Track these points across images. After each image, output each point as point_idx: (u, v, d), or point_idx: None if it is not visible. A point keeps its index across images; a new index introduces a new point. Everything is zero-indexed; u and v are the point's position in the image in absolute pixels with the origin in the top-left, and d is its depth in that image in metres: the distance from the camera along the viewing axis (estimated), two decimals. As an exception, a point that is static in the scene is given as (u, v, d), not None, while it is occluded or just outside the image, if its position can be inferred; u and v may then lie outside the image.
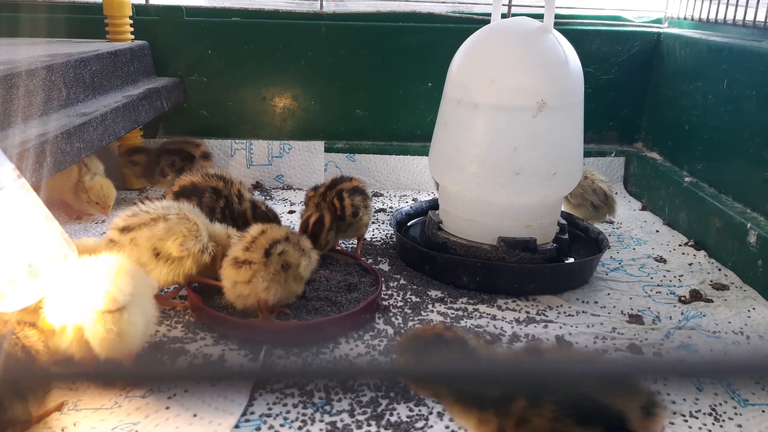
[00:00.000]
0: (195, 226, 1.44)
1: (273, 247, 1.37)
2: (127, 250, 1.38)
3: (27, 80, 1.54)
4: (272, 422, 1.16)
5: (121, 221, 1.43)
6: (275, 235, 1.41)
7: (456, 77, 1.70)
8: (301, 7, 2.58)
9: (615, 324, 1.54)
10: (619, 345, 1.45)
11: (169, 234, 1.40)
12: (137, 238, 1.40)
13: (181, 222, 1.43)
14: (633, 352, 1.42)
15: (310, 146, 2.52)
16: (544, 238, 1.74)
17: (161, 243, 1.40)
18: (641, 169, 2.48)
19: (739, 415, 1.22)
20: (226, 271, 1.38)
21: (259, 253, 1.36)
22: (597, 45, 2.51)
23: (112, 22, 2.29)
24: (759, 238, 1.71)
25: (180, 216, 1.44)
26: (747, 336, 1.51)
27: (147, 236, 1.39)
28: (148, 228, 1.40)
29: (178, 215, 1.44)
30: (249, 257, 1.36)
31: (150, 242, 1.40)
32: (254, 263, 1.35)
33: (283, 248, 1.38)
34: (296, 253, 1.40)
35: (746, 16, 2.08)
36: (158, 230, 1.40)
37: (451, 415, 1.01)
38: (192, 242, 1.42)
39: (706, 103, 2.13)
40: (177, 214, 1.44)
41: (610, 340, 1.47)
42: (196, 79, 2.50)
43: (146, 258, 1.40)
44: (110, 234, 1.43)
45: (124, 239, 1.40)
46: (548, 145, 1.62)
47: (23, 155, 1.34)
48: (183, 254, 1.41)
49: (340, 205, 1.73)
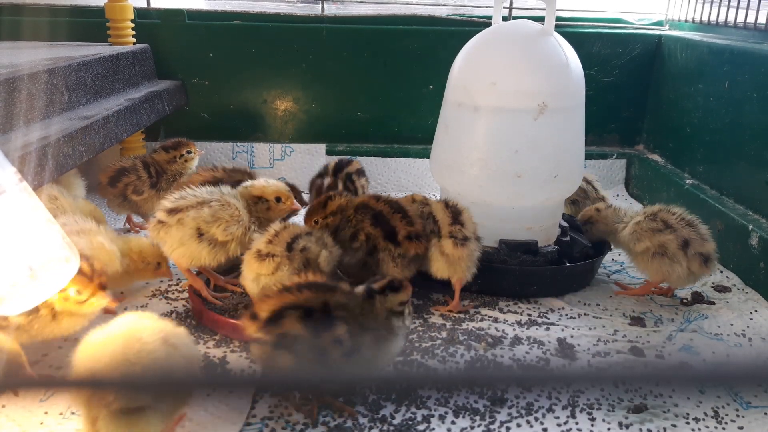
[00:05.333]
0: (236, 211, 1.48)
1: (295, 241, 1.39)
2: (173, 230, 1.45)
3: (29, 84, 1.54)
4: (274, 425, 1.16)
5: (169, 203, 1.48)
6: (297, 230, 1.43)
7: (457, 80, 1.70)
8: (303, 11, 2.58)
9: (617, 326, 1.54)
10: (621, 347, 1.44)
11: (214, 219, 1.45)
12: (184, 218, 1.45)
13: (223, 208, 1.47)
14: (635, 355, 1.42)
15: (311, 149, 2.52)
16: (545, 240, 1.74)
17: (206, 226, 1.45)
18: (642, 171, 2.47)
19: (741, 418, 1.22)
20: (248, 264, 1.39)
21: (282, 247, 1.38)
22: (598, 47, 2.52)
23: (114, 25, 2.29)
24: (761, 240, 1.70)
25: (221, 202, 1.48)
26: (749, 338, 1.51)
27: (193, 217, 1.45)
28: (195, 210, 1.45)
29: (220, 201, 1.49)
30: (272, 250, 1.38)
31: (195, 222, 1.45)
32: (277, 256, 1.37)
33: (305, 243, 1.40)
34: (317, 248, 1.41)
35: (747, 18, 2.08)
36: (204, 213, 1.45)
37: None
38: (235, 227, 1.47)
39: (708, 105, 2.13)
40: (219, 201, 1.49)
41: (611, 342, 1.47)
42: (198, 82, 2.50)
43: (188, 238, 1.45)
44: (159, 215, 1.48)
45: (172, 220, 1.45)
46: (549, 147, 1.62)
47: (25, 158, 1.35)
48: (228, 238, 1.46)
49: (353, 187, 1.86)
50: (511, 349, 1.42)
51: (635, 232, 1.65)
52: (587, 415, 1.21)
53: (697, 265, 1.58)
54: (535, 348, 1.43)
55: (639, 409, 1.22)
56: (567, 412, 1.22)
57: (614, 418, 1.20)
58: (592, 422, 1.19)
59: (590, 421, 1.20)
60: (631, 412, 1.22)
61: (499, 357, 1.39)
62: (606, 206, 1.77)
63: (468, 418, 1.19)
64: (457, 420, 1.19)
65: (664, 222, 1.62)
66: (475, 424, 1.18)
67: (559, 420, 1.20)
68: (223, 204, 1.48)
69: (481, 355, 1.39)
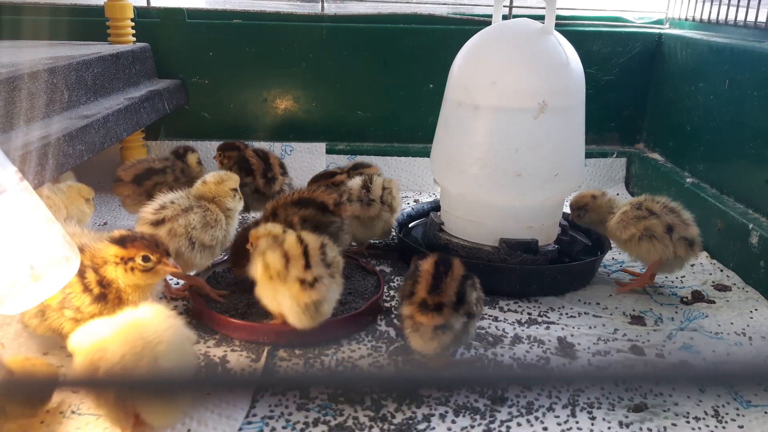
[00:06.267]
0: (218, 215, 1.54)
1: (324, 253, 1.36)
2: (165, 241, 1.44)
3: (29, 83, 1.54)
4: (274, 424, 1.16)
5: (150, 215, 1.48)
6: (314, 242, 1.37)
7: (457, 79, 1.70)
8: (303, 9, 2.58)
9: (617, 325, 1.54)
10: (621, 346, 1.44)
11: (202, 225, 1.50)
12: (175, 228, 1.47)
13: (208, 213, 1.53)
14: (635, 354, 1.42)
15: (311, 148, 2.52)
16: (545, 239, 1.74)
17: (195, 232, 1.49)
18: (643, 170, 2.47)
19: (741, 417, 1.22)
20: (294, 296, 1.30)
21: (321, 266, 1.34)
22: (598, 46, 2.51)
23: (114, 24, 2.29)
24: (761, 239, 1.71)
25: (203, 208, 1.53)
26: (749, 337, 1.51)
27: (183, 225, 1.48)
28: (183, 218, 1.48)
29: (201, 207, 1.53)
30: (316, 274, 1.32)
31: (186, 231, 1.48)
32: (323, 277, 1.32)
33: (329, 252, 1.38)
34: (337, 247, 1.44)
35: (747, 16, 2.08)
36: (193, 220, 1.49)
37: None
38: (218, 231, 1.53)
39: (708, 103, 2.13)
40: (200, 206, 1.53)
41: (612, 341, 1.47)
42: (198, 81, 2.50)
43: (184, 248, 1.47)
44: (143, 228, 1.47)
45: (162, 231, 1.46)
46: (549, 146, 1.62)
47: (25, 158, 1.35)
48: (212, 243, 1.52)
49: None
50: (512, 348, 1.42)
51: (621, 221, 1.69)
52: (587, 414, 1.21)
53: (683, 250, 1.64)
54: (535, 347, 1.43)
55: (639, 408, 1.23)
56: (567, 411, 1.22)
57: (614, 417, 1.21)
58: (592, 421, 1.20)
59: (590, 420, 1.20)
60: (631, 411, 1.22)
61: (500, 356, 1.39)
62: (602, 194, 1.79)
63: (468, 417, 1.19)
64: (458, 419, 1.19)
65: (649, 210, 1.67)
66: (475, 423, 1.18)
67: (559, 419, 1.20)
68: (205, 210, 1.52)
69: (482, 354, 1.40)
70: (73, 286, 1.22)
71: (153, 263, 1.25)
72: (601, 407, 1.23)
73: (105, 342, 1.03)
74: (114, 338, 1.03)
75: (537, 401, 1.24)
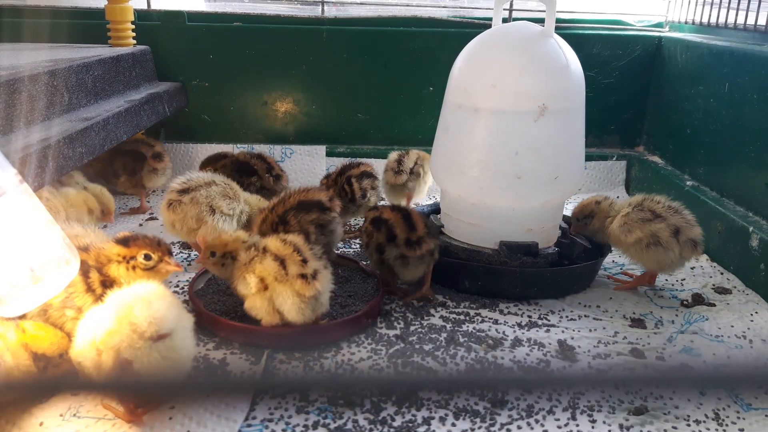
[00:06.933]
0: (238, 191, 1.73)
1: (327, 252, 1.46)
2: (187, 208, 1.64)
3: (30, 85, 1.54)
4: (274, 427, 1.16)
5: (178, 185, 1.67)
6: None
7: (457, 82, 1.71)
8: (303, 12, 2.59)
9: (617, 328, 1.53)
10: (622, 349, 1.44)
11: (222, 196, 1.68)
12: (197, 197, 1.65)
13: (228, 187, 1.71)
14: (635, 356, 1.42)
15: (311, 150, 2.52)
16: (545, 242, 1.74)
17: (214, 201, 1.66)
18: (643, 173, 2.48)
19: (742, 420, 1.22)
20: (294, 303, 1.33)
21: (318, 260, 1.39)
22: (598, 49, 2.52)
23: (115, 27, 2.29)
24: (761, 242, 1.70)
25: (225, 182, 1.72)
26: (750, 340, 1.51)
27: (205, 195, 1.66)
28: (205, 189, 1.67)
29: (224, 181, 1.73)
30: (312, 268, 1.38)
31: (207, 200, 1.65)
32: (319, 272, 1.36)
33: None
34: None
35: (747, 19, 2.08)
36: (213, 191, 1.67)
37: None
38: (236, 204, 1.70)
39: (708, 106, 2.13)
40: (223, 181, 1.73)
41: (612, 344, 1.46)
42: (198, 84, 2.50)
43: (205, 214, 1.64)
44: (170, 195, 1.66)
45: (186, 198, 1.64)
46: (549, 149, 1.62)
47: (25, 160, 1.35)
48: (230, 213, 1.68)
49: (349, 190, 1.94)
50: (512, 351, 1.42)
51: (625, 224, 1.67)
52: (588, 417, 1.21)
53: (689, 251, 1.63)
54: (535, 350, 1.43)
55: (639, 411, 1.22)
56: (567, 414, 1.22)
57: (615, 420, 1.20)
58: (592, 424, 1.19)
59: (591, 423, 1.20)
60: (631, 414, 1.22)
61: (500, 359, 1.39)
62: (604, 198, 1.78)
63: (468, 420, 1.19)
64: (458, 422, 1.18)
65: (652, 211, 1.66)
66: (475, 426, 1.18)
67: (559, 422, 1.20)
68: (227, 183, 1.72)
69: (482, 357, 1.39)
70: (76, 286, 1.22)
71: (155, 262, 1.26)
72: (601, 410, 1.23)
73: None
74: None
75: (537, 404, 1.24)
